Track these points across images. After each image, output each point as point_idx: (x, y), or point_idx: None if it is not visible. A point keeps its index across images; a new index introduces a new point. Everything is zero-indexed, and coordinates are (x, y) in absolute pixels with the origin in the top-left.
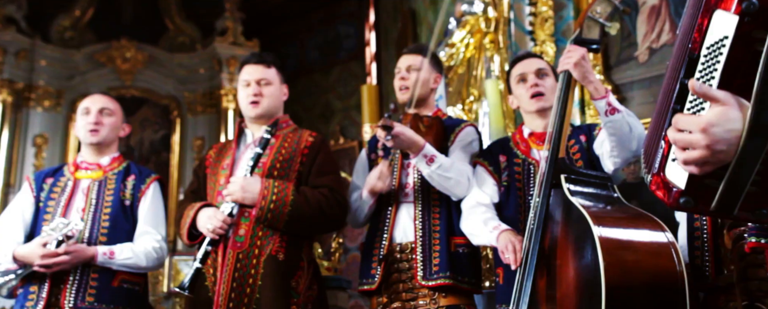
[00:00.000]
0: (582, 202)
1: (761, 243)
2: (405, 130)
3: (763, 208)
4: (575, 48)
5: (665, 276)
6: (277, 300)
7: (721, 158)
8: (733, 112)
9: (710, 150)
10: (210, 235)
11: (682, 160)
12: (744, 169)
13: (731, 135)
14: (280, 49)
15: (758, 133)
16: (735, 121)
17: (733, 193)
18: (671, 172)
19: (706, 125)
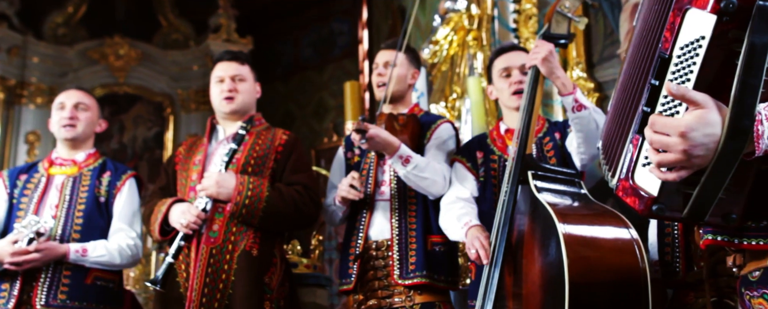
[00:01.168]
0: (548, 199)
1: (717, 240)
2: (379, 133)
3: (733, 213)
4: (542, 43)
5: (628, 273)
6: (251, 296)
7: (698, 163)
8: (712, 115)
9: (687, 155)
10: (183, 230)
11: (656, 161)
12: (719, 175)
13: (709, 139)
14: (274, 46)
15: (736, 137)
16: (714, 125)
17: (706, 200)
18: (641, 178)
19: (685, 129)
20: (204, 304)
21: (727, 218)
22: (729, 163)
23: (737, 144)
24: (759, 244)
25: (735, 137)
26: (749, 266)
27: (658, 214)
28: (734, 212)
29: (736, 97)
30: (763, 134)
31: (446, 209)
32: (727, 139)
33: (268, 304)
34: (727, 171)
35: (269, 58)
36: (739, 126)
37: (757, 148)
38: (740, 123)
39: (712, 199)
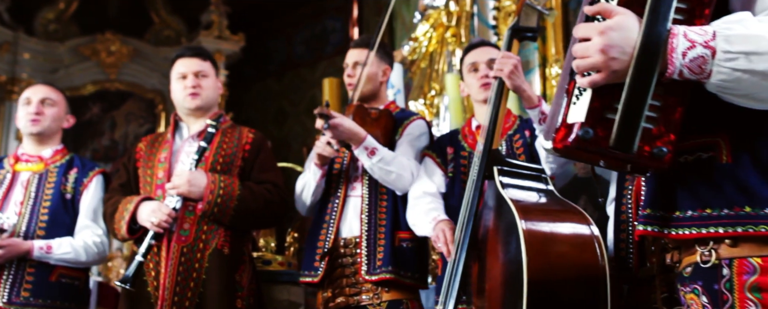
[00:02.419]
0: (511, 195)
1: (647, 231)
2: (344, 121)
3: (663, 146)
4: (508, 56)
5: (588, 270)
6: (223, 294)
7: (615, 67)
8: (630, 20)
9: (605, 55)
10: (154, 229)
11: (577, 66)
12: (638, 88)
13: (626, 43)
14: (267, 43)
15: (650, 43)
16: (631, 29)
17: (629, 123)
18: (573, 114)
19: (603, 28)
20: (175, 303)
21: (657, 151)
22: (647, 72)
23: (652, 50)
24: (686, 234)
25: (649, 43)
26: (684, 262)
27: (584, 137)
28: (665, 146)
29: (651, 7)
30: (676, 48)
31: (413, 204)
32: (642, 45)
33: (239, 302)
34: (645, 83)
35: (262, 55)
36: (653, 31)
37: (671, 63)
38: (654, 29)
39: (635, 121)
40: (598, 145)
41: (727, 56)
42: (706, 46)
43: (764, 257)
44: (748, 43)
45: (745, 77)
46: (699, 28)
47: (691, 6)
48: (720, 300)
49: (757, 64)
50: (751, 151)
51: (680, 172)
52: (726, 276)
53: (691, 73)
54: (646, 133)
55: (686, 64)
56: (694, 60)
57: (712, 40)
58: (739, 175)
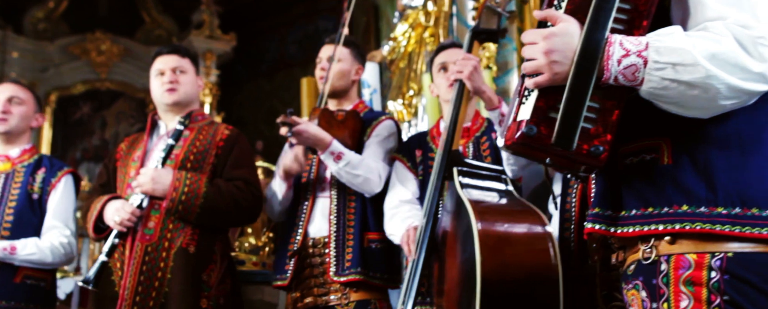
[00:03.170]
0: (469, 195)
1: (595, 228)
2: (308, 128)
3: (600, 145)
4: (468, 58)
5: (541, 269)
6: (187, 293)
7: (557, 70)
8: (572, 27)
9: (548, 58)
10: (117, 228)
11: (523, 68)
12: (578, 90)
13: (567, 47)
14: (260, 43)
15: (589, 48)
16: (573, 35)
17: (569, 122)
18: (521, 113)
19: (547, 34)
20: (137, 303)
21: (595, 149)
22: (585, 76)
23: (590, 56)
24: (630, 232)
25: (588, 49)
26: (628, 261)
27: (529, 134)
28: (602, 145)
29: (592, 16)
30: (612, 55)
31: (391, 214)
32: (581, 51)
33: (205, 302)
34: (584, 86)
35: (254, 55)
36: (592, 39)
37: (606, 70)
38: (593, 36)
39: (575, 121)
40: (541, 142)
41: (656, 66)
42: (638, 55)
43: (699, 254)
44: (676, 54)
45: (672, 86)
46: (635, 38)
47: (631, 17)
48: (657, 294)
49: (683, 75)
50: (690, 154)
51: (626, 173)
52: (664, 271)
53: (625, 79)
54: (585, 132)
55: (621, 71)
56: (628, 68)
57: (645, 50)
58: (678, 176)
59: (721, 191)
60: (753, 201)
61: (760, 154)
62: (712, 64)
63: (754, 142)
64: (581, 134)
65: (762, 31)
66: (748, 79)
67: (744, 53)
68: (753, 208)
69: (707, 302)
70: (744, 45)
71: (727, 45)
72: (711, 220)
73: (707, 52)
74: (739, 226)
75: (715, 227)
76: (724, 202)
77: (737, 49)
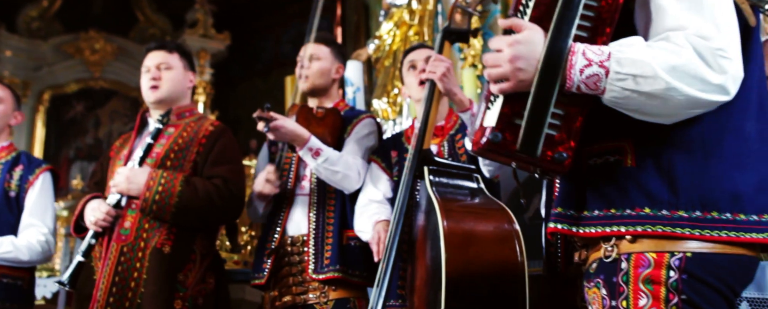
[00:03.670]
0: (439, 194)
1: (557, 228)
2: (285, 123)
3: (564, 151)
4: (440, 59)
5: (506, 267)
6: (160, 294)
7: (521, 77)
8: (536, 35)
9: (512, 65)
10: (92, 228)
11: (488, 75)
12: (542, 98)
13: (532, 54)
14: (255, 42)
15: (552, 57)
16: (537, 42)
17: (534, 130)
18: (487, 119)
19: (512, 41)
20: (111, 303)
21: (558, 155)
22: (548, 84)
23: (553, 64)
24: (592, 232)
25: (551, 57)
26: (590, 259)
27: (493, 140)
28: (565, 151)
29: (555, 25)
30: (575, 65)
31: (360, 212)
32: (545, 59)
33: (179, 303)
34: (548, 93)
35: (249, 54)
36: (555, 47)
37: (569, 79)
38: (556, 45)
39: (539, 128)
40: (506, 149)
41: (618, 76)
42: (601, 65)
43: (659, 253)
44: (636, 66)
45: (633, 96)
46: (598, 48)
47: (595, 24)
48: (617, 292)
49: (643, 86)
50: (653, 156)
51: (590, 174)
52: (624, 269)
53: (588, 88)
54: (549, 139)
55: (583, 80)
56: (590, 77)
57: (607, 61)
58: (641, 178)
59: (682, 194)
60: (713, 204)
61: (721, 158)
62: (672, 76)
63: (717, 145)
64: (545, 141)
65: (721, 42)
66: (707, 90)
67: (703, 65)
68: (713, 211)
69: (665, 301)
70: (704, 57)
71: (687, 57)
72: (672, 223)
73: (667, 65)
74: (698, 229)
75: (675, 230)
76: (686, 206)
77: (697, 61)
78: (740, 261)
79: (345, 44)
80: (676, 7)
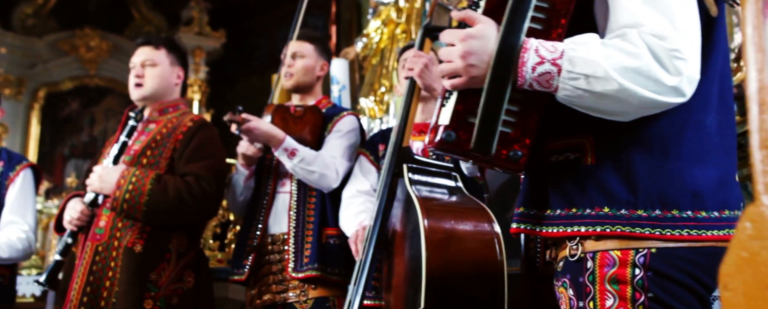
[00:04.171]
0: (418, 192)
1: (521, 228)
2: (259, 125)
3: (519, 150)
4: (419, 56)
5: (486, 265)
6: (130, 293)
7: (474, 74)
8: (489, 30)
9: (464, 61)
10: (68, 227)
11: (441, 70)
12: (494, 96)
13: (483, 50)
14: (250, 40)
15: (504, 53)
16: (490, 37)
17: (487, 128)
18: (442, 116)
19: (464, 36)
20: (84, 303)
21: (513, 154)
22: (501, 81)
23: (505, 60)
24: (555, 232)
25: (503, 53)
26: (558, 258)
27: (447, 140)
28: (520, 149)
29: (507, 19)
30: (527, 62)
31: (346, 204)
32: (497, 55)
33: (150, 303)
34: (500, 90)
35: (245, 52)
36: (507, 43)
37: (520, 76)
38: (508, 40)
39: (492, 126)
40: (460, 148)
41: (570, 75)
42: (553, 63)
43: (623, 250)
44: (588, 66)
45: (586, 95)
46: (551, 45)
47: (549, 16)
48: (583, 292)
49: (595, 86)
50: (613, 153)
51: (552, 172)
52: (590, 269)
53: (540, 86)
54: (504, 136)
55: (535, 77)
56: (542, 75)
57: (560, 59)
58: (601, 176)
59: (641, 193)
60: (673, 202)
61: (681, 154)
62: (624, 77)
63: (676, 141)
64: (500, 139)
65: (677, 42)
66: (661, 92)
67: (658, 66)
68: (673, 210)
69: (632, 300)
70: (659, 58)
71: (641, 58)
72: (631, 223)
73: (619, 65)
74: (659, 229)
75: (634, 230)
76: (644, 205)
77: (651, 62)
78: (708, 252)
79: (339, 42)
80: (632, 1)
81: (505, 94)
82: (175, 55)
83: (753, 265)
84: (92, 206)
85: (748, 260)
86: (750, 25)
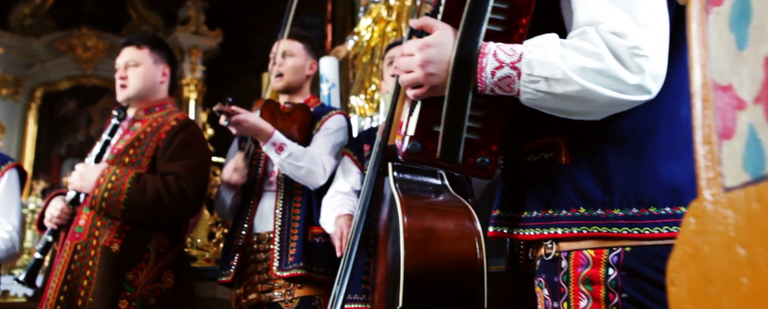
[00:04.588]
0: (401, 190)
1: (498, 232)
2: (248, 117)
3: (486, 157)
4: None
5: (465, 264)
6: (105, 293)
7: (433, 82)
8: (447, 37)
9: (423, 70)
10: (48, 225)
11: (401, 81)
12: (455, 103)
13: (442, 58)
14: (247, 39)
15: (462, 59)
16: (448, 44)
17: (452, 136)
18: (410, 126)
19: (422, 45)
20: (61, 302)
21: (481, 162)
22: (461, 88)
23: (463, 67)
24: (531, 234)
25: (461, 60)
26: (537, 256)
27: (413, 150)
28: (487, 156)
29: (464, 24)
30: (485, 67)
31: (326, 203)
32: (455, 62)
33: (125, 302)
34: (461, 98)
35: (242, 51)
36: (465, 49)
37: (480, 82)
38: (465, 46)
39: (457, 134)
40: (427, 157)
41: (529, 79)
42: (512, 66)
43: (597, 249)
44: (546, 68)
45: (548, 97)
46: (510, 48)
47: (509, 17)
48: (558, 292)
49: (555, 88)
50: (587, 152)
51: (528, 172)
52: (564, 269)
53: (502, 90)
54: (470, 143)
55: (495, 82)
56: (502, 79)
57: (518, 62)
58: (576, 176)
59: (617, 192)
60: (650, 199)
61: (656, 149)
62: (584, 78)
63: (650, 136)
64: (466, 146)
65: (638, 39)
66: (625, 91)
67: (618, 65)
68: (650, 208)
69: (605, 301)
70: (619, 56)
71: (601, 57)
72: (607, 223)
73: (578, 66)
74: (636, 228)
75: (611, 230)
76: (620, 204)
77: (611, 61)
78: None
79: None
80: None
81: (467, 101)
82: (159, 53)
83: (696, 261)
84: (73, 205)
85: (692, 255)
86: (694, 22)
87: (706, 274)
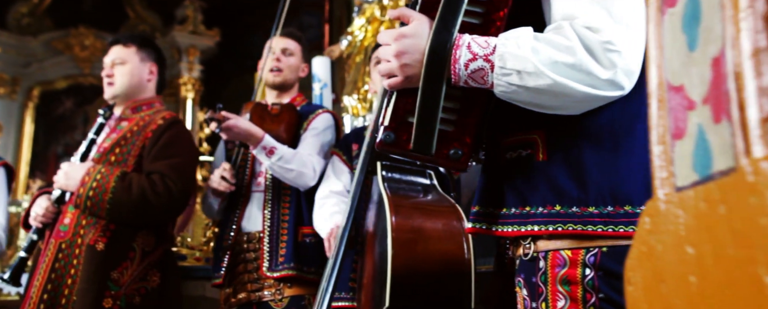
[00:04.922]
0: (389, 190)
1: (476, 228)
2: (238, 123)
3: (459, 148)
4: None
5: (452, 264)
6: (87, 292)
7: (408, 73)
8: (423, 27)
9: (399, 60)
10: (33, 223)
11: (378, 70)
12: (429, 94)
13: (417, 48)
14: (245, 39)
15: (436, 51)
16: (423, 35)
17: (426, 128)
18: (386, 118)
19: (398, 35)
20: (45, 301)
21: (454, 154)
22: (435, 79)
23: (437, 58)
24: (509, 231)
25: (434, 51)
26: (516, 256)
27: (386, 140)
28: (459, 148)
29: (440, 15)
30: (459, 59)
31: (319, 204)
32: (429, 53)
33: (109, 301)
34: (435, 89)
35: (240, 50)
36: (439, 40)
37: (454, 74)
38: (439, 37)
39: (430, 126)
40: (401, 148)
41: (502, 71)
42: (486, 59)
43: (574, 250)
44: (517, 62)
45: (521, 91)
46: (484, 40)
47: (486, 9)
48: (536, 293)
49: (528, 82)
50: (563, 149)
51: (507, 169)
52: (542, 269)
53: (476, 83)
54: (444, 135)
55: (469, 74)
56: (476, 72)
57: (492, 55)
58: (552, 173)
59: (592, 189)
60: (626, 198)
61: (632, 148)
62: (556, 71)
63: (627, 134)
64: (440, 137)
65: (611, 34)
66: (597, 86)
67: (591, 59)
68: (626, 206)
69: (583, 301)
70: (591, 50)
71: (573, 51)
72: (582, 220)
73: (549, 60)
74: (611, 226)
75: (586, 228)
76: (596, 202)
77: (584, 55)
78: None
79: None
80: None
81: (441, 93)
82: (146, 52)
83: (651, 260)
84: (58, 203)
85: (647, 254)
86: (651, 22)
87: (659, 273)
